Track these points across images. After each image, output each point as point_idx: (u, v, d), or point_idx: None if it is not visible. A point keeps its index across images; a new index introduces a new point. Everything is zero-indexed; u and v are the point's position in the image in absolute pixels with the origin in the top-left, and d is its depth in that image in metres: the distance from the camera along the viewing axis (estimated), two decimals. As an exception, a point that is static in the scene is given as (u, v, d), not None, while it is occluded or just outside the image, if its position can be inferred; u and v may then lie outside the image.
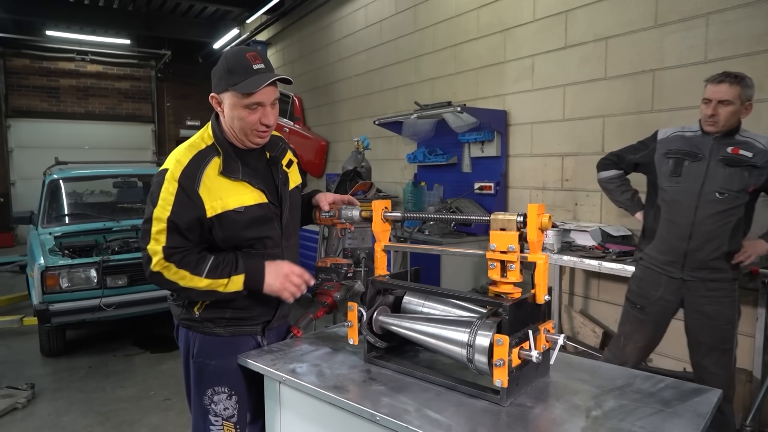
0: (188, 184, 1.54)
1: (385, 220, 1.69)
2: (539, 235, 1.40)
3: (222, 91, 1.59)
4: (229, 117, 1.60)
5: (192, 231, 1.57)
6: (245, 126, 1.59)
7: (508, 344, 1.28)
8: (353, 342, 1.64)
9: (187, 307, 1.69)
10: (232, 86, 1.54)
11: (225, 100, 1.59)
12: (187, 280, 1.55)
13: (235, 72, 1.54)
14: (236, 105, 1.56)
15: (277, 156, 1.75)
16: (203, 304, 1.67)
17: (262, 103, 1.57)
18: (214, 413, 1.72)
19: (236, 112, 1.57)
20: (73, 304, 3.97)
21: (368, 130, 6.16)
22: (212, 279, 1.56)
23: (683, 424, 1.24)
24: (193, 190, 1.55)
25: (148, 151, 12.51)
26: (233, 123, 1.60)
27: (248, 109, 1.56)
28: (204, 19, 10.36)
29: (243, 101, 1.55)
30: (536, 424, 1.26)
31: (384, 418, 1.28)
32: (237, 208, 1.59)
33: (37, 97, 11.33)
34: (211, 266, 1.56)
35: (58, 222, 4.91)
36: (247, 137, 1.62)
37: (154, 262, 1.53)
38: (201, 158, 1.59)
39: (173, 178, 1.54)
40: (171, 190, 1.54)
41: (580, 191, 3.99)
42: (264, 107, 1.58)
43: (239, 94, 1.54)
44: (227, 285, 1.58)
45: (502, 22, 4.57)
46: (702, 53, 3.18)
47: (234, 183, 1.61)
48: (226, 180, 1.59)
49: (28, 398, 3.49)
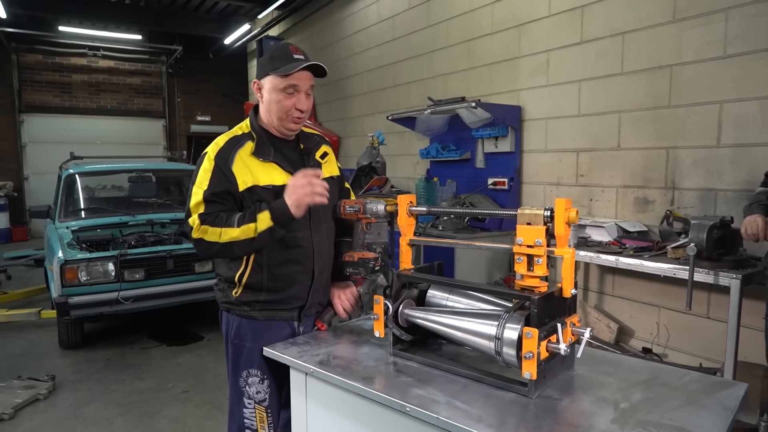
0: (222, 162, 1.70)
1: (410, 215, 1.71)
2: (566, 230, 1.41)
3: (263, 77, 1.75)
4: (267, 101, 1.75)
5: (226, 200, 1.70)
6: (281, 110, 1.73)
7: (537, 337, 1.29)
8: (379, 335, 1.66)
9: (227, 291, 1.81)
10: (272, 70, 1.70)
11: (265, 85, 1.75)
12: (223, 234, 1.65)
13: (276, 59, 1.71)
14: (275, 88, 1.72)
15: (310, 147, 1.89)
16: (241, 287, 1.77)
17: (297, 87, 1.72)
18: (248, 395, 1.82)
19: (274, 95, 1.73)
20: (92, 297, 4.03)
21: (380, 126, 6.17)
22: (243, 225, 1.65)
23: (711, 417, 1.25)
24: (227, 167, 1.70)
25: (159, 146, 12.59)
26: (271, 107, 1.75)
27: (285, 93, 1.72)
28: (215, 15, 10.40)
29: (281, 84, 1.70)
30: (565, 416, 1.28)
31: (414, 408, 1.30)
32: (266, 185, 1.72)
33: (49, 92, 11.43)
34: (239, 217, 1.67)
35: (75, 216, 4.97)
36: (282, 123, 1.76)
37: (194, 230, 1.67)
38: (235, 141, 1.76)
39: (209, 159, 1.72)
40: (207, 168, 1.70)
41: (595, 187, 3.98)
42: (299, 93, 1.73)
43: (278, 78, 1.70)
44: (257, 226, 1.64)
45: (517, 17, 4.55)
46: (721, 48, 3.16)
47: (264, 164, 1.75)
48: (257, 160, 1.74)
49: (49, 389, 3.56)
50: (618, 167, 3.80)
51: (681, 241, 2.86)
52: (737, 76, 3.09)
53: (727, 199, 3.17)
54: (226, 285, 1.82)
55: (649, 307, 3.64)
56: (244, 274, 1.77)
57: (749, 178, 3.07)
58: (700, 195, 3.31)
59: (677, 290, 3.40)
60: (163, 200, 5.50)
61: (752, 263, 2.70)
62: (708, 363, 3.30)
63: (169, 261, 4.32)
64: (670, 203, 3.47)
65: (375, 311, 1.64)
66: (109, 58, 11.96)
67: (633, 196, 3.71)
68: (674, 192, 3.46)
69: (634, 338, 3.75)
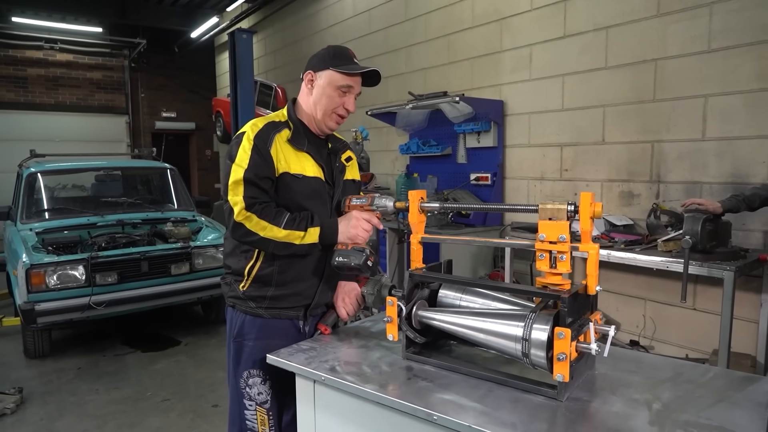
0: (261, 143, 1.69)
1: (422, 211, 1.64)
2: (591, 225, 1.36)
3: (321, 70, 1.76)
4: (318, 95, 1.76)
5: (266, 184, 1.68)
6: (329, 106, 1.76)
7: (569, 337, 1.24)
8: (393, 338, 1.57)
9: (234, 285, 1.79)
10: (335, 66, 1.73)
11: (321, 79, 1.76)
12: (267, 230, 1.63)
13: (339, 57, 1.75)
14: (331, 83, 1.74)
15: (337, 148, 1.91)
16: (249, 280, 1.75)
17: (352, 89, 1.77)
18: (249, 397, 1.78)
19: (329, 90, 1.75)
20: (61, 303, 3.81)
21: (359, 122, 6.06)
22: (290, 230, 1.64)
23: (747, 415, 1.22)
24: (265, 149, 1.69)
25: (122, 143, 12.10)
26: (320, 101, 1.76)
27: (339, 90, 1.75)
28: (181, 7, 10.05)
29: (339, 81, 1.74)
30: (600, 419, 1.22)
31: (442, 417, 1.23)
32: (296, 174, 1.73)
33: (3, 87, 10.81)
34: (288, 219, 1.66)
35: (38, 217, 4.69)
36: (325, 119, 1.78)
37: (237, 212, 1.62)
38: (273, 126, 1.75)
39: (249, 139, 1.69)
40: (247, 148, 1.68)
41: (579, 181, 4.00)
42: (351, 94, 1.78)
43: (338, 74, 1.73)
44: (304, 237, 1.66)
45: (499, 11, 4.52)
46: (705, 42, 3.19)
47: (298, 153, 1.75)
48: (291, 148, 1.75)
49: (16, 403, 3.33)
50: (603, 161, 3.81)
51: (673, 234, 2.87)
52: (722, 70, 3.13)
53: (712, 191, 3.21)
54: (234, 278, 1.80)
55: (636, 300, 3.68)
56: (254, 266, 1.75)
57: (734, 171, 3.12)
58: (686, 188, 3.35)
59: (664, 283, 3.44)
60: (132, 199, 5.26)
61: (742, 255, 2.74)
62: (694, 354, 3.35)
63: (144, 263, 4.12)
64: (655, 197, 3.50)
65: (388, 314, 1.55)
66: (67, 52, 11.39)
67: (618, 190, 3.73)
68: (659, 185, 3.49)
69: (620, 331, 3.78)
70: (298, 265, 1.76)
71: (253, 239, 1.65)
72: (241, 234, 1.65)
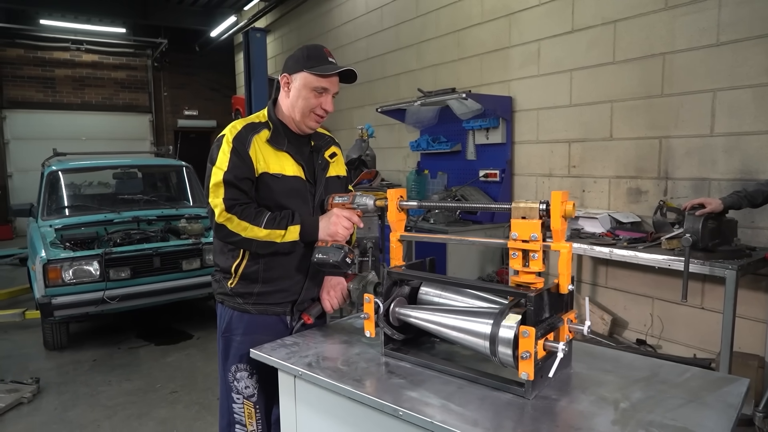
0: (240, 145, 1.72)
1: (400, 210, 1.65)
2: (563, 224, 1.36)
3: (296, 72, 1.76)
4: (294, 97, 1.77)
5: (246, 185, 1.71)
6: (306, 107, 1.76)
7: (534, 336, 1.24)
8: (370, 335, 1.60)
9: (222, 282, 1.83)
10: (308, 68, 1.73)
11: (296, 81, 1.77)
12: (248, 230, 1.67)
13: (312, 58, 1.75)
14: (306, 86, 1.75)
15: (320, 145, 1.91)
16: (236, 278, 1.79)
17: (327, 89, 1.77)
18: (236, 390, 1.83)
19: (304, 92, 1.76)
20: (76, 297, 3.93)
21: (370, 118, 6.09)
22: (270, 229, 1.68)
23: (715, 415, 1.21)
24: (244, 151, 1.71)
25: (146, 141, 12.40)
26: (296, 102, 1.77)
27: (315, 92, 1.75)
28: (200, 7, 10.22)
29: (314, 83, 1.74)
30: (564, 418, 1.23)
31: (407, 412, 1.25)
32: (275, 174, 1.75)
33: (32, 87, 11.19)
34: (269, 218, 1.69)
35: (58, 214, 4.85)
36: (304, 119, 1.79)
37: (218, 214, 1.66)
38: (252, 127, 1.78)
39: (228, 141, 1.72)
40: (226, 150, 1.71)
41: (587, 178, 3.94)
42: (328, 94, 1.78)
43: (312, 76, 1.74)
44: (284, 235, 1.69)
45: (507, 6, 4.48)
46: (714, 36, 3.11)
47: (277, 152, 1.77)
48: (271, 148, 1.77)
49: (33, 393, 3.46)
50: (610, 157, 3.76)
51: (675, 232, 2.82)
52: (730, 64, 3.05)
53: (720, 188, 3.14)
54: (222, 276, 1.84)
55: (643, 299, 3.62)
56: (240, 264, 1.78)
57: (743, 167, 3.04)
58: (694, 185, 3.28)
59: (671, 281, 3.38)
60: (149, 197, 5.39)
61: (747, 253, 2.67)
62: (702, 354, 3.28)
63: (156, 259, 4.23)
64: (663, 193, 3.44)
65: (365, 310, 1.58)
66: (92, 52, 11.72)
67: (626, 187, 3.67)
68: (667, 182, 3.43)
69: (628, 330, 3.73)
70: (284, 263, 1.79)
71: (235, 239, 1.69)
72: (224, 235, 1.69)
